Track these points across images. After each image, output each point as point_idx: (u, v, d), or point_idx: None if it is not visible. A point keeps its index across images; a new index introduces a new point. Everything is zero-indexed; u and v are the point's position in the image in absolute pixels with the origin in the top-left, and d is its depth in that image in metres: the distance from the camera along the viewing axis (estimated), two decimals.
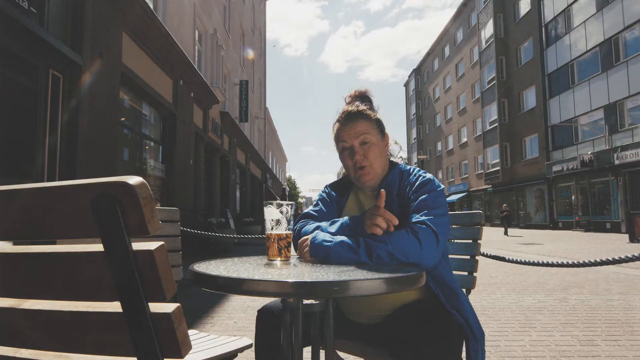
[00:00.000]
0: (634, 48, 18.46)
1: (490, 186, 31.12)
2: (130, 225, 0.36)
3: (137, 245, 0.37)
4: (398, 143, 1.48)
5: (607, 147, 19.25)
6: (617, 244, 12.14)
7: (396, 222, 1.13)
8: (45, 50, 4.96)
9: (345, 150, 1.36)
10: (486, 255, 1.79)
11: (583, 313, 3.66)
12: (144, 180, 0.36)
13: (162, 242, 0.37)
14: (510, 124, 28.23)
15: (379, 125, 1.38)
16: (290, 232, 1.17)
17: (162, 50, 8.71)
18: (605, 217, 20.00)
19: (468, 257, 1.48)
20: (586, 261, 1.42)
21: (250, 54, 23.09)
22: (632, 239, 12.68)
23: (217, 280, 0.83)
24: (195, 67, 10.79)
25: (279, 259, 1.13)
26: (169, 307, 0.38)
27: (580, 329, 3.13)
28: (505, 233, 19.05)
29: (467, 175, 36.52)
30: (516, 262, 1.70)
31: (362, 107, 1.37)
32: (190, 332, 1.48)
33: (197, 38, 12.75)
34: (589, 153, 20.25)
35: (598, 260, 1.39)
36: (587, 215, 21.10)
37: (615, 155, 18.58)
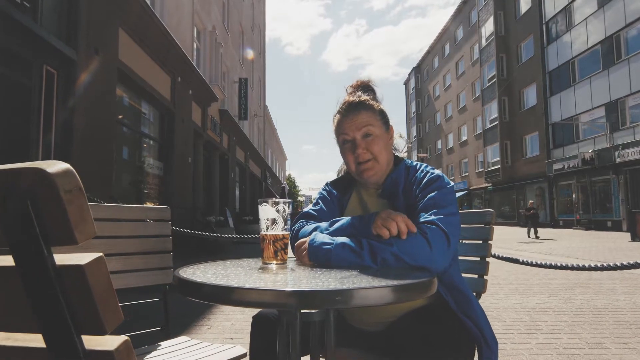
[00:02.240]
0: (636, 45, 18.33)
1: (490, 184, 31.02)
2: (50, 230, 0.26)
3: (63, 258, 0.27)
4: (403, 136, 1.38)
5: (608, 145, 19.15)
6: (618, 242, 12.05)
7: (414, 230, 1.03)
8: (39, 46, 4.85)
9: (346, 144, 1.26)
10: (497, 257, 1.70)
11: (589, 314, 3.57)
12: (70, 167, 0.26)
13: (99, 254, 0.27)
14: (511, 122, 28.12)
15: (383, 116, 1.27)
16: (287, 232, 1.07)
17: (160, 47, 8.60)
18: (606, 215, 19.90)
19: (478, 258, 1.39)
20: (611, 264, 1.32)
21: (250, 53, 22.97)
22: (634, 238, 12.58)
23: (203, 288, 0.73)
24: (194, 65, 10.68)
25: (274, 262, 1.04)
26: (111, 343, 0.28)
27: (587, 331, 3.04)
28: (531, 234, 14.97)
29: (467, 174, 36.42)
30: (532, 264, 1.61)
31: (364, 97, 1.26)
32: (180, 339, 1.39)
33: (195, 35, 12.64)
34: (590, 151, 20.14)
35: (624, 263, 1.30)
36: (588, 214, 21.01)
37: (616, 154, 18.48)
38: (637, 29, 18.33)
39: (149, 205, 7.32)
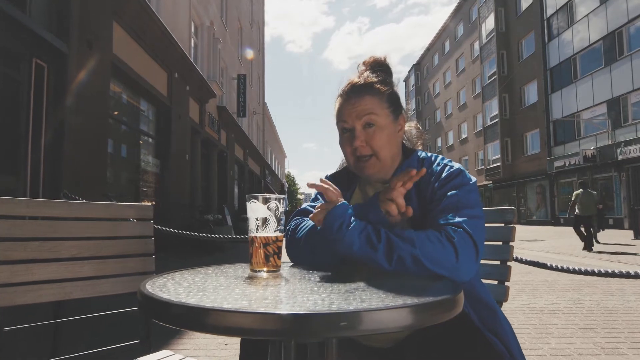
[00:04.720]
0: (638, 42, 18.14)
1: (490, 182, 30.87)
2: None
3: None
4: (419, 127, 1.21)
5: (610, 142, 18.99)
6: (622, 240, 11.91)
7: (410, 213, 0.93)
8: (28, 38, 4.68)
9: (345, 133, 1.07)
10: (521, 261, 1.53)
11: (601, 316, 3.42)
12: None
13: None
14: (512, 119, 27.94)
15: (392, 102, 1.07)
16: (281, 234, 0.91)
17: (156, 41, 8.41)
18: (608, 213, 19.74)
19: (498, 262, 1.23)
20: None
21: (250, 53, 22.78)
22: (637, 235, 12.44)
23: (170, 308, 0.57)
24: (191, 60, 10.50)
25: (265, 269, 0.87)
26: None
27: (601, 335, 2.88)
28: (594, 239, 9.99)
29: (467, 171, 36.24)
30: (561, 270, 1.45)
31: (372, 78, 1.07)
32: (162, 354, 1.23)
33: (193, 30, 12.45)
34: (592, 148, 19.98)
35: None
36: None
37: (618, 151, 18.32)
38: (639, 25, 18.13)
39: (145, 203, 7.19)
